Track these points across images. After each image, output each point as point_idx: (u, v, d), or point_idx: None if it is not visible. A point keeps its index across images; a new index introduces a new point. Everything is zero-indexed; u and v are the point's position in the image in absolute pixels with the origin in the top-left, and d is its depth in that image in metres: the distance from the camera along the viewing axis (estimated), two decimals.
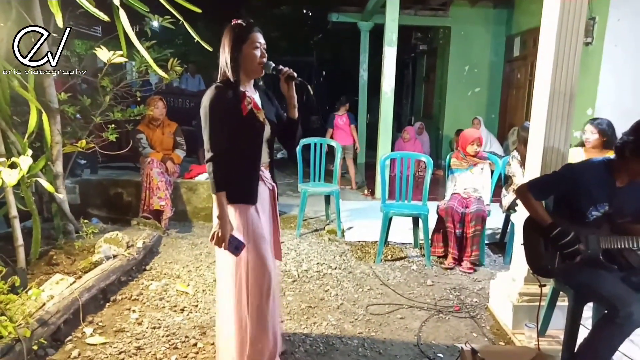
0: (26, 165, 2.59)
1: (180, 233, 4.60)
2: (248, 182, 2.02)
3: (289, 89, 2.04)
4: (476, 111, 8.77)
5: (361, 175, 8.01)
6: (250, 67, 1.98)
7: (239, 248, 1.95)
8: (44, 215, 3.69)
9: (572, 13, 2.51)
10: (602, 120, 3.42)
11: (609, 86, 5.75)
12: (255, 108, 2.00)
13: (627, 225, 2.24)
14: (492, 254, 4.30)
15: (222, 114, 1.91)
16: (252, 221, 2.02)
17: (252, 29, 1.96)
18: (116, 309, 2.99)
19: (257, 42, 1.96)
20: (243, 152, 1.99)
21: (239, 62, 1.95)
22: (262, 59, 1.98)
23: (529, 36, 7.43)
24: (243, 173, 2.01)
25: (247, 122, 1.97)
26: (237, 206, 2.00)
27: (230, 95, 1.93)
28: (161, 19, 3.44)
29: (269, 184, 2.16)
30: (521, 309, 2.77)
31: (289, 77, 2.02)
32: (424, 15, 8.65)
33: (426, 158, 4.32)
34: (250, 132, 2.00)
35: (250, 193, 2.02)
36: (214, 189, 1.92)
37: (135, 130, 4.56)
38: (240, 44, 1.94)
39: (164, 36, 8.21)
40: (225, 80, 1.97)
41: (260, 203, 2.07)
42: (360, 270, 3.78)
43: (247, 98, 1.97)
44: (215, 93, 1.91)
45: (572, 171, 2.30)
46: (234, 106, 1.93)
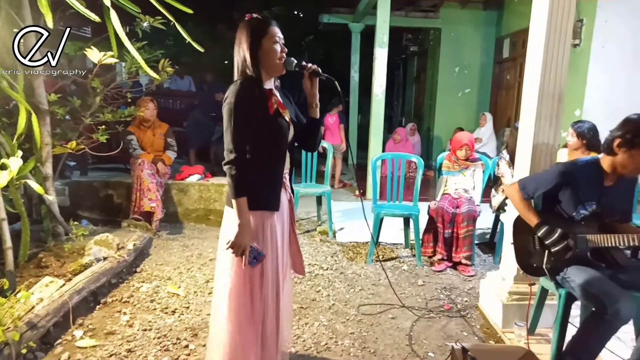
0: (15, 166, 2.57)
1: (171, 235, 4.59)
2: (272, 187, 1.86)
3: (312, 87, 1.90)
4: (467, 112, 8.85)
5: (352, 176, 8.05)
6: (271, 64, 1.81)
7: (258, 259, 1.81)
8: (33, 217, 3.66)
9: (560, 15, 2.54)
10: (583, 124, 3.49)
11: (597, 87, 5.83)
12: (280, 107, 1.84)
13: (614, 224, 2.28)
14: (482, 253, 4.34)
15: (248, 112, 1.74)
16: (274, 229, 1.88)
17: (270, 22, 1.81)
18: (107, 311, 2.97)
19: (277, 35, 1.80)
20: (269, 155, 1.83)
21: (259, 58, 1.79)
22: (283, 54, 1.82)
23: (519, 38, 7.51)
24: (268, 177, 1.85)
25: (275, 122, 1.81)
26: (260, 213, 1.84)
27: (256, 92, 1.76)
28: (152, 20, 3.43)
29: (289, 191, 2.01)
30: (511, 308, 2.80)
31: (314, 73, 1.86)
32: (414, 16, 8.71)
33: (417, 159, 4.35)
34: (277, 133, 1.83)
35: (274, 199, 1.86)
36: (234, 193, 1.75)
37: (126, 132, 4.54)
38: (259, 39, 1.78)
39: (154, 37, 8.16)
40: (247, 78, 1.78)
41: (281, 210, 1.93)
42: (351, 271, 3.79)
43: (274, 96, 1.82)
44: (241, 88, 1.73)
45: (561, 170, 2.33)
46: (261, 104, 1.77)
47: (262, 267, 1.86)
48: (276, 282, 1.92)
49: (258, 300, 1.88)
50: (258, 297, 1.88)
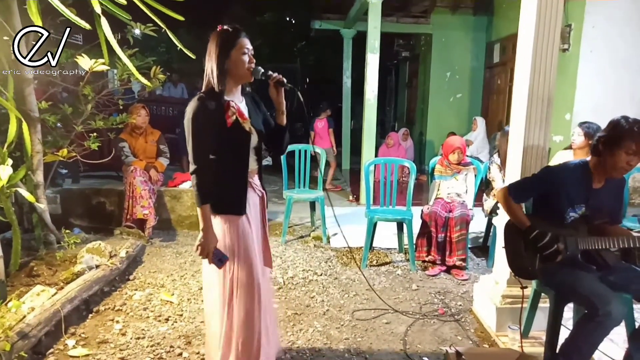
0: (6, 175, 2.56)
1: (164, 242, 4.56)
2: (236, 192, 2.00)
3: (277, 95, 2.03)
4: (459, 116, 8.91)
5: (344, 179, 8.07)
6: (239, 73, 1.95)
7: (222, 261, 1.94)
8: (24, 225, 3.63)
9: (548, 20, 2.57)
10: (591, 124, 3.54)
11: (586, 91, 5.90)
12: (240, 117, 1.96)
13: (603, 227, 2.30)
14: (475, 257, 4.35)
15: (205, 125, 1.88)
16: (242, 231, 2.00)
17: (239, 34, 1.93)
18: (99, 319, 2.95)
19: (246, 47, 1.94)
20: (229, 163, 1.97)
21: (226, 68, 1.92)
22: (251, 64, 1.96)
23: (508, 42, 7.58)
24: (230, 183, 1.99)
25: (232, 133, 1.94)
26: (226, 217, 1.99)
27: (213, 106, 1.90)
28: (143, 27, 3.43)
29: (259, 191, 2.15)
30: (504, 312, 2.81)
31: (279, 83, 2.00)
32: (405, 22, 8.78)
33: (409, 163, 4.36)
34: (235, 142, 1.97)
35: (238, 203, 2.00)
36: (198, 201, 1.90)
37: (118, 139, 4.52)
38: (228, 50, 1.91)
39: (146, 43, 8.16)
40: (209, 90, 1.93)
41: (250, 211, 2.06)
42: (345, 276, 3.80)
43: (232, 108, 1.93)
44: (197, 104, 1.88)
45: (550, 173, 2.36)
46: (218, 117, 1.90)
47: (236, 267, 1.99)
48: (253, 280, 2.02)
49: (254, 301, 2.01)
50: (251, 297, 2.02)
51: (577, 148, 3.59)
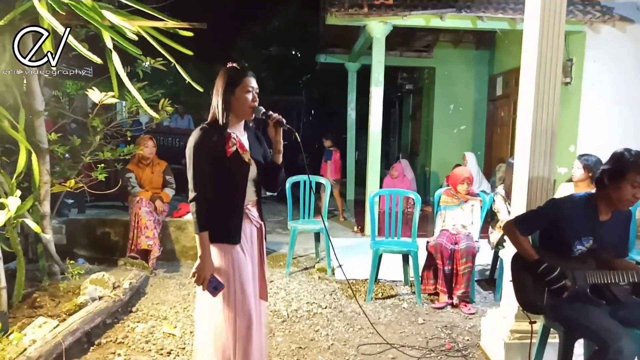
0: (14, 206, 2.58)
1: (168, 273, 4.53)
2: (232, 222, 2.04)
3: (276, 134, 2.10)
4: (462, 148, 8.94)
5: (347, 209, 8.06)
6: (241, 110, 2.04)
7: (218, 289, 1.97)
8: (29, 255, 3.63)
9: (549, 55, 2.63)
10: (590, 157, 3.53)
11: (589, 123, 5.95)
12: (240, 149, 2.04)
13: (612, 260, 2.27)
14: (483, 290, 4.29)
15: (205, 155, 1.96)
16: (236, 260, 2.03)
17: (246, 73, 2.03)
18: (100, 352, 2.90)
19: (250, 86, 2.02)
20: (227, 192, 2.03)
21: (230, 104, 2.01)
22: (254, 103, 2.04)
23: (511, 76, 7.69)
24: (227, 213, 2.04)
25: (232, 163, 2.01)
26: (221, 246, 2.03)
27: (215, 137, 1.98)
28: (153, 61, 3.51)
29: (257, 222, 2.18)
30: (513, 347, 2.75)
31: (278, 123, 2.08)
32: (409, 56, 8.94)
33: (414, 195, 4.35)
34: (234, 172, 2.04)
35: (234, 233, 2.04)
36: (197, 229, 1.95)
37: (125, 170, 4.57)
38: (233, 87, 2.00)
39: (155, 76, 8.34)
40: (213, 122, 2.02)
41: (247, 241, 2.09)
42: (350, 309, 3.74)
43: (232, 139, 2.02)
44: (199, 135, 1.97)
45: (556, 206, 2.35)
46: (219, 147, 1.98)
47: (231, 295, 2.01)
48: (247, 309, 2.03)
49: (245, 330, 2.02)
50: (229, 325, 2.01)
51: (578, 181, 3.57)
